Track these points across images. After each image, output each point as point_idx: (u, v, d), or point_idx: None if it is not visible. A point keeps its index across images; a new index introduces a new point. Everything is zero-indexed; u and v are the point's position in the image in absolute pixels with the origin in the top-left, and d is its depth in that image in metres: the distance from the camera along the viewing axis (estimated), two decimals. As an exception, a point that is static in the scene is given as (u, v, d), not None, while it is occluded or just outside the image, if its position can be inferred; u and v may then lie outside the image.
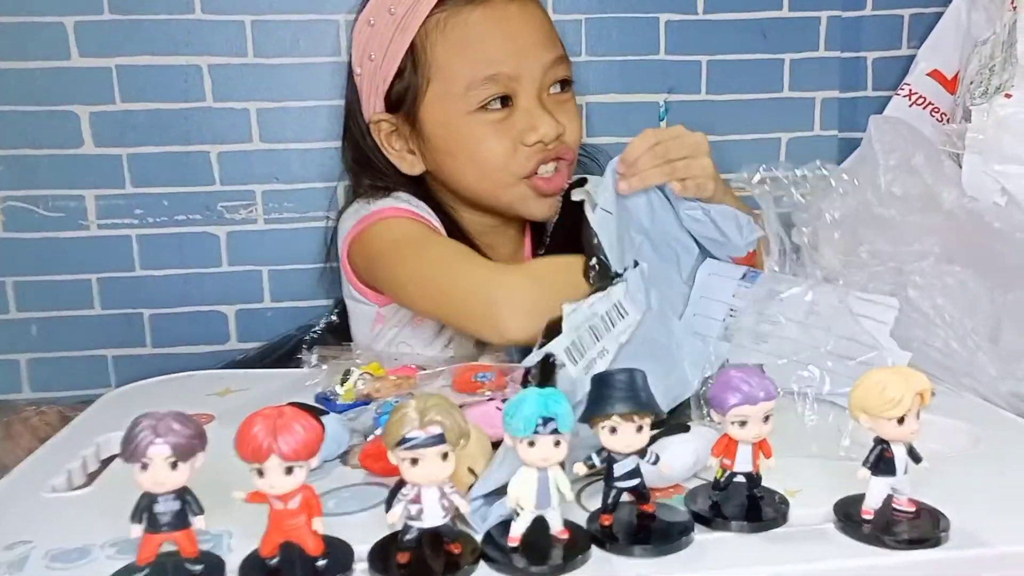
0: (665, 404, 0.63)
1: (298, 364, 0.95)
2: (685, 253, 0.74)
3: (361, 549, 0.47)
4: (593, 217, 0.67)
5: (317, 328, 1.00)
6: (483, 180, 0.85)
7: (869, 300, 0.68)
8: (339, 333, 0.97)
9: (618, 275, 0.66)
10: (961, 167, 0.89)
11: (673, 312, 0.72)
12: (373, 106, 0.88)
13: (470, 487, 0.52)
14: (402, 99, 0.85)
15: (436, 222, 0.87)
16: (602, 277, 0.65)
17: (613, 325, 0.63)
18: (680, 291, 0.74)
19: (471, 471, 0.53)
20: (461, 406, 0.58)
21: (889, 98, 1.07)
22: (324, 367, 0.71)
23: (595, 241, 0.66)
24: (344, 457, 0.62)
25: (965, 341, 0.71)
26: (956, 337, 0.71)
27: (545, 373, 0.57)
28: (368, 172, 0.91)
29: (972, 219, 0.79)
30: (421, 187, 0.90)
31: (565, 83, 0.86)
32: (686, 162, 0.70)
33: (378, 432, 0.59)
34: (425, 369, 0.72)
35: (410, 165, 0.88)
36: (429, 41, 0.82)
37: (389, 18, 0.83)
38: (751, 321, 0.68)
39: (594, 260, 0.66)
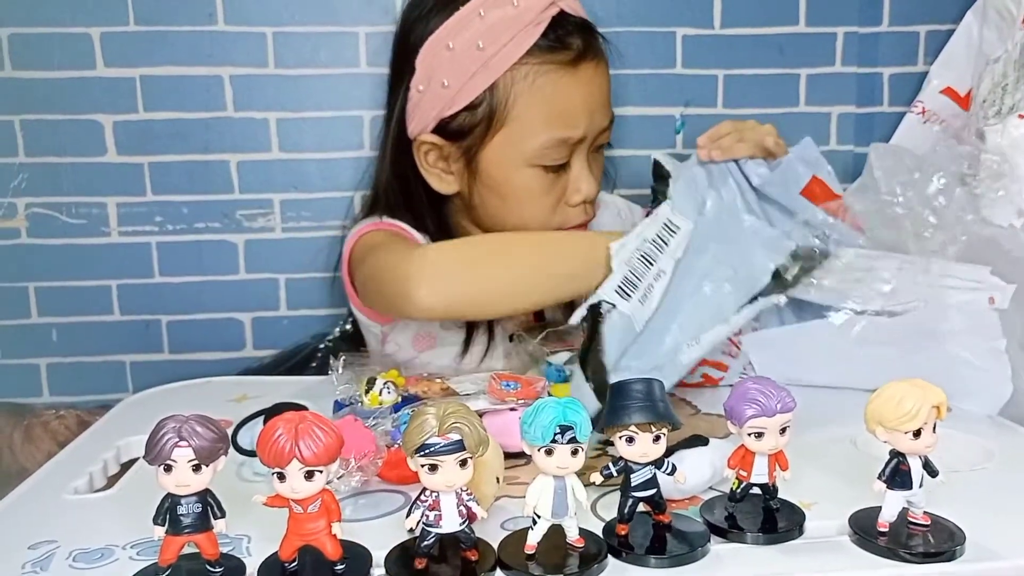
0: (738, 301, 0.68)
1: (312, 372, 0.97)
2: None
3: (379, 555, 0.47)
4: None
5: (331, 336, 1.01)
6: (520, 223, 0.85)
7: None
8: (353, 341, 0.97)
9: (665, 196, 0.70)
10: (972, 189, 0.88)
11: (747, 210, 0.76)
12: (425, 126, 0.85)
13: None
14: (464, 131, 0.83)
15: (417, 236, 0.87)
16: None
17: (666, 244, 0.67)
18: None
19: (499, 481, 0.53)
20: (482, 414, 0.59)
21: (905, 114, 1.07)
22: (348, 375, 0.72)
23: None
24: (360, 464, 0.63)
25: None
26: None
27: (594, 324, 0.60)
28: (401, 188, 0.90)
29: (985, 243, 0.78)
30: (442, 212, 0.89)
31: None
32: (755, 131, 0.78)
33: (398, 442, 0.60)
34: (441, 378, 0.73)
35: (445, 184, 0.87)
36: (514, 88, 0.81)
37: (476, 52, 0.80)
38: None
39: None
